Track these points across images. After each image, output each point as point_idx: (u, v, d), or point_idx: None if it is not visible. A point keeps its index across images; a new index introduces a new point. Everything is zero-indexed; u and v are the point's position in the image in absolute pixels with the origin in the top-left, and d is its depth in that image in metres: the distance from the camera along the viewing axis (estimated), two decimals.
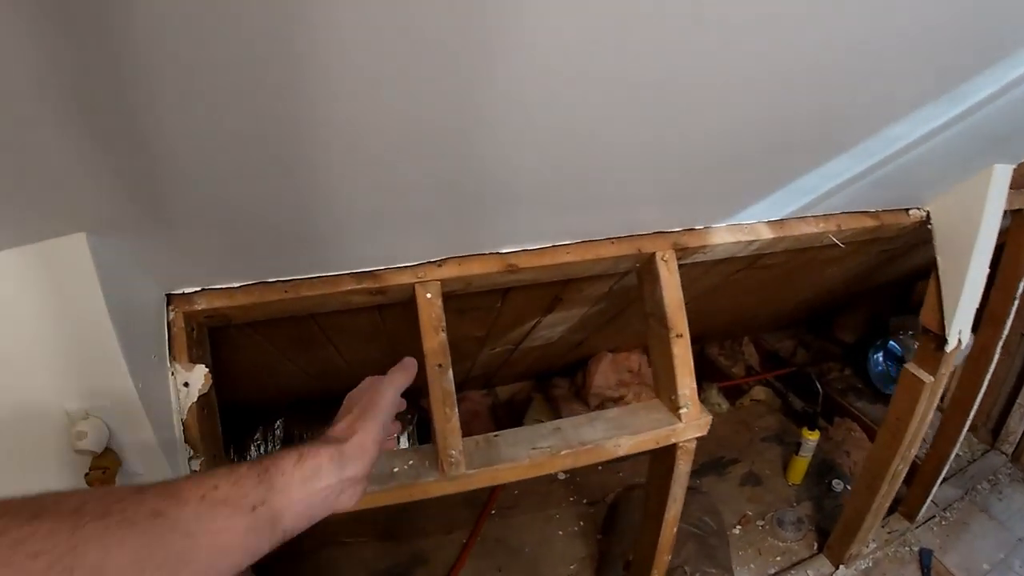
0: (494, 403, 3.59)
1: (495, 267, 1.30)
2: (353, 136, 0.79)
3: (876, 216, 1.75)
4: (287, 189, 0.90)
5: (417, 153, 0.87)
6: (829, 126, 1.11)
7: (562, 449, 1.33)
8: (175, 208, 0.90)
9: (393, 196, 1.00)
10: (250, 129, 0.73)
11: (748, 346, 4.19)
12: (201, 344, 1.26)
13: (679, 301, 1.43)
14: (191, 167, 0.79)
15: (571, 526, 2.88)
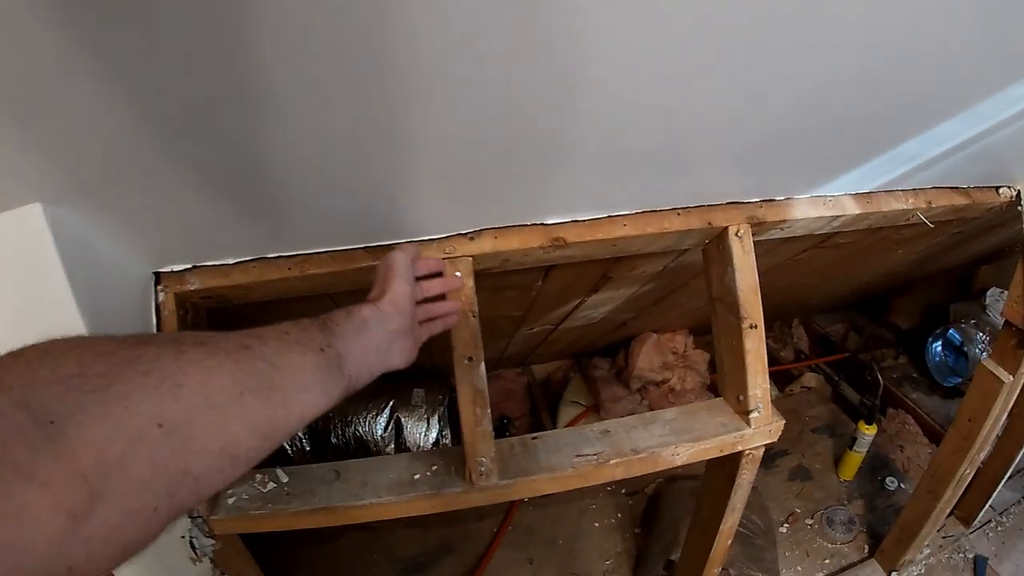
0: (529, 382, 3.47)
1: (538, 241, 1.13)
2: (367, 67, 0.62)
3: (967, 193, 1.56)
4: (283, 141, 0.74)
5: (455, 101, 0.72)
6: (943, 82, 0.93)
7: (612, 458, 1.16)
8: (149, 168, 0.75)
9: (421, 150, 0.83)
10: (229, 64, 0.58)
11: (798, 329, 4.02)
12: (198, 328, 1.12)
13: (754, 285, 1.25)
14: (166, 112, 0.65)
15: (608, 518, 2.75)
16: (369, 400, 2.55)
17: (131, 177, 0.76)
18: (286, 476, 1.14)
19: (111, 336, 0.52)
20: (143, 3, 0.50)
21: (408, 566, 2.50)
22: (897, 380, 3.51)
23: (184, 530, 1.07)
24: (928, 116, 1.06)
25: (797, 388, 3.63)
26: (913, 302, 3.92)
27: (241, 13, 0.53)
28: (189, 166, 0.77)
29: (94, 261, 0.88)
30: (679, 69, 0.73)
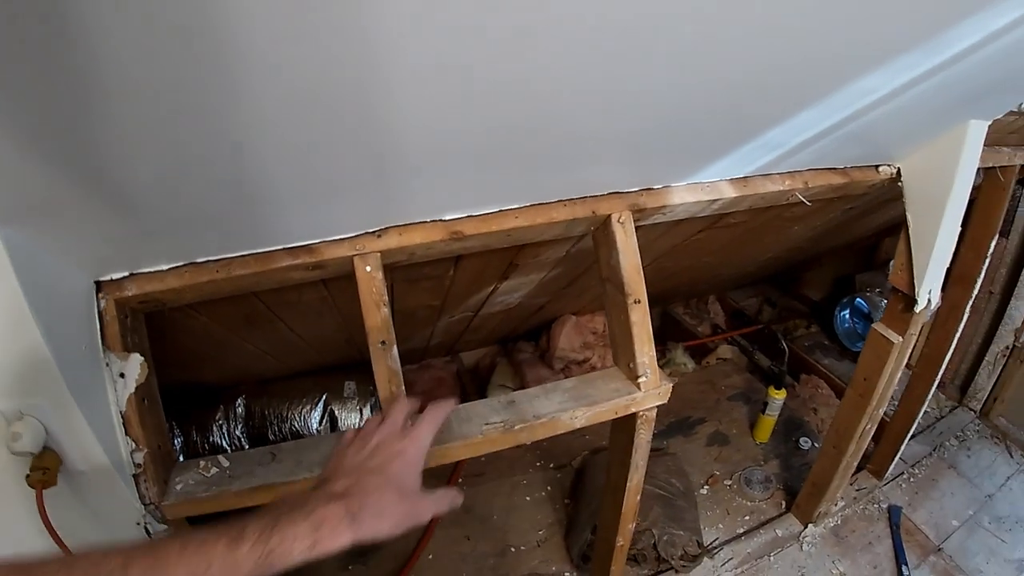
0: (459, 370, 3.56)
1: (439, 235, 1.24)
2: (268, 103, 0.72)
3: (844, 173, 1.70)
4: (204, 160, 0.83)
5: (341, 118, 0.81)
6: (798, 75, 1.05)
7: (516, 424, 1.28)
8: (88, 189, 0.84)
9: (321, 164, 0.93)
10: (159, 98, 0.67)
11: (714, 304, 4.20)
12: (137, 331, 1.21)
13: (636, 265, 1.38)
14: (99, 144, 0.74)
15: (539, 491, 2.88)
16: (303, 395, 2.61)
17: (70, 199, 0.84)
18: (227, 461, 1.22)
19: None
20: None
21: (353, 552, 2.48)
22: (809, 348, 3.75)
23: (139, 517, 1.13)
24: (786, 107, 1.17)
25: (713, 360, 3.79)
26: (822, 274, 4.16)
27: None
28: (117, 188, 0.85)
29: (43, 274, 0.95)
30: (553, 77, 0.84)
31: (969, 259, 2.43)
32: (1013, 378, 3.22)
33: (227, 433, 2.52)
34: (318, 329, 2.05)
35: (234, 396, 2.57)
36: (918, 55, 1.03)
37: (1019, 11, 0.94)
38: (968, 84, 1.27)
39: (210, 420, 2.49)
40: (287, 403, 2.61)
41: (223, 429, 2.51)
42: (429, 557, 2.56)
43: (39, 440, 0.97)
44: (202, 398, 2.47)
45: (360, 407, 2.62)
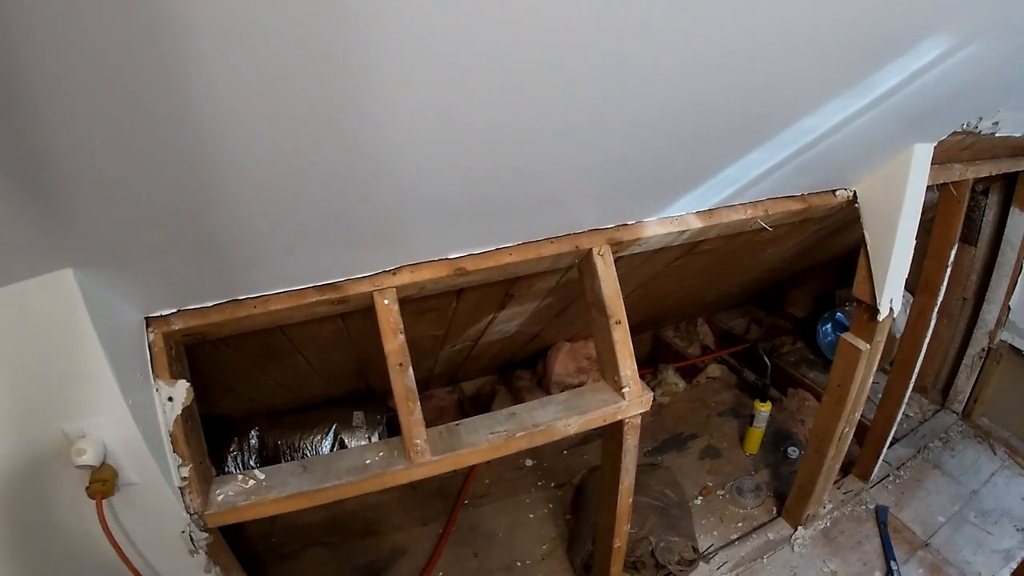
0: (460, 398, 3.69)
1: (445, 271, 1.41)
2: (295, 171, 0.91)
3: (803, 199, 1.88)
4: (254, 216, 1.02)
5: (377, 184, 1.01)
6: (744, 122, 1.23)
7: (517, 432, 1.46)
8: (151, 241, 1.01)
9: (350, 218, 1.12)
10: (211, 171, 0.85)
11: (702, 327, 4.33)
12: (180, 360, 1.36)
13: (616, 291, 1.56)
14: (161, 206, 0.91)
15: (541, 509, 3.00)
16: (315, 425, 2.74)
17: (136, 248, 1.01)
18: (262, 474, 1.39)
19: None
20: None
21: (366, 572, 2.68)
22: (795, 362, 3.88)
23: (184, 525, 1.27)
24: (737, 150, 1.36)
25: (703, 379, 3.91)
26: (805, 292, 4.28)
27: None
28: (180, 240, 1.03)
29: (107, 311, 1.10)
30: (534, 141, 1.03)
31: (932, 268, 2.59)
32: (991, 378, 3.34)
33: (241, 464, 2.65)
34: (332, 361, 2.21)
35: (247, 428, 2.71)
36: (848, 97, 1.22)
37: (935, 52, 1.12)
38: (904, 114, 1.45)
39: (225, 452, 2.62)
40: (299, 433, 2.75)
41: (238, 460, 2.65)
42: (440, 574, 2.67)
43: (100, 455, 1.11)
44: (215, 430, 2.60)
45: (368, 435, 2.76)
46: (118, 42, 0.60)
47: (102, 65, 0.62)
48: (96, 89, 0.65)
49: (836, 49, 1.01)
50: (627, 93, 0.97)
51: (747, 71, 1.01)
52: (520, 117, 0.95)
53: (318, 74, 0.72)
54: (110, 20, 0.57)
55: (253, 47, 0.65)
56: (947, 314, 3.36)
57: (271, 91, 0.73)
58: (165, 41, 0.62)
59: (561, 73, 0.86)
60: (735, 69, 0.99)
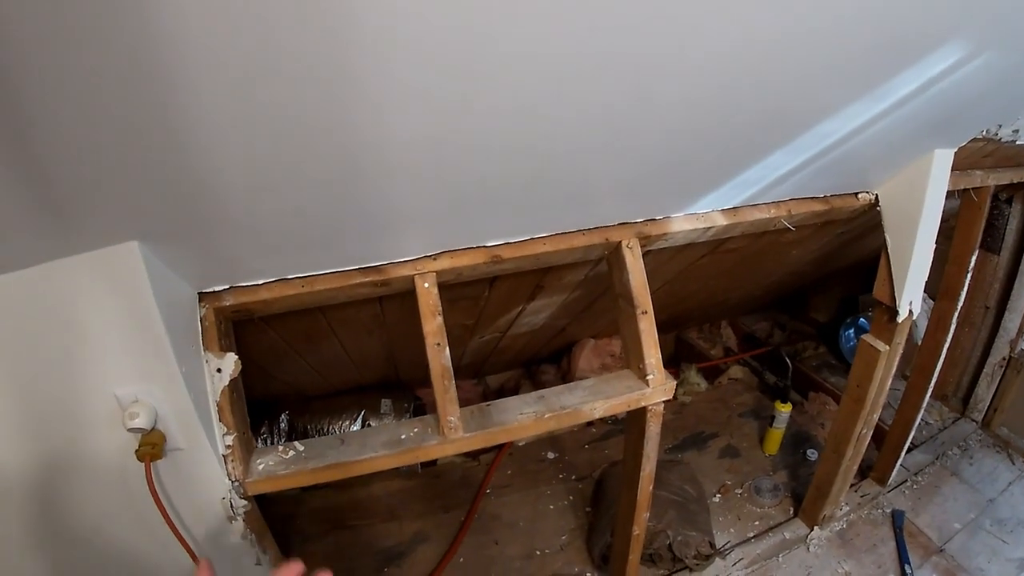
0: (485, 391, 3.77)
1: (482, 258, 1.48)
2: (364, 157, 0.98)
3: (825, 200, 1.93)
4: (308, 202, 1.09)
5: (425, 174, 1.09)
6: (765, 125, 1.28)
7: (545, 413, 1.52)
8: (212, 220, 1.08)
9: (398, 203, 1.19)
10: (278, 153, 0.92)
11: (726, 329, 4.37)
12: (228, 335, 1.43)
13: (643, 283, 1.62)
14: (226, 186, 0.98)
15: (561, 501, 3.06)
16: (343, 411, 2.82)
17: (199, 226, 1.09)
18: (302, 446, 1.45)
19: None
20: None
21: (388, 556, 2.74)
22: (817, 367, 3.89)
23: (225, 492, 1.33)
24: (760, 150, 1.41)
25: (725, 380, 3.96)
26: (829, 297, 4.28)
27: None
28: (242, 222, 1.10)
29: (167, 284, 1.17)
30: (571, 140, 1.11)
31: (953, 274, 2.62)
32: (1011, 388, 3.34)
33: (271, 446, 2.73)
34: (365, 347, 2.29)
35: (277, 412, 2.79)
36: (866, 103, 1.28)
37: (951, 59, 1.17)
38: (924, 120, 1.50)
39: (256, 435, 2.70)
40: (328, 418, 2.83)
41: (267, 442, 2.73)
42: (460, 560, 2.74)
43: (151, 420, 1.18)
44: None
45: (395, 422, 2.80)
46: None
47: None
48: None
49: (853, 54, 1.06)
50: (661, 93, 1.03)
51: (769, 74, 1.06)
52: (565, 116, 1.02)
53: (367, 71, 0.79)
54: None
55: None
56: (969, 322, 3.36)
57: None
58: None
59: (605, 73, 0.93)
60: (758, 72, 1.05)
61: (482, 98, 0.91)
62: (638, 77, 0.96)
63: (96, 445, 1.20)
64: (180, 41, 0.67)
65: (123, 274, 1.09)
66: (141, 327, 1.14)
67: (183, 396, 1.22)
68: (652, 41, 0.88)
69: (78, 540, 1.26)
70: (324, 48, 0.72)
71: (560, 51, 0.84)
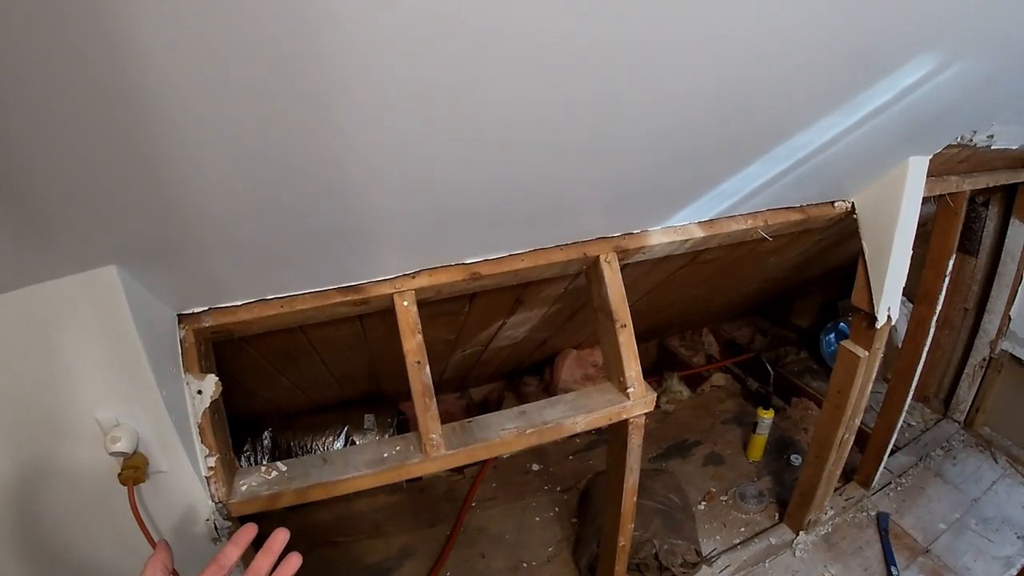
0: (468, 404, 3.75)
1: (460, 276, 1.48)
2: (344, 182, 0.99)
3: (802, 210, 1.94)
4: (288, 223, 1.09)
5: (402, 193, 1.09)
6: (739, 138, 1.29)
7: (527, 428, 1.53)
8: (190, 243, 1.08)
9: (376, 226, 1.20)
10: (255, 179, 0.93)
11: (707, 336, 4.39)
12: (208, 356, 1.43)
13: (622, 296, 1.62)
14: (204, 210, 0.98)
15: (547, 512, 3.06)
16: (327, 427, 2.80)
17: (177, 249, 1.08)
18: (285, 466, 1.45)
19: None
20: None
21: (374, 572, 2.73)
22: (799, 372, 3.91)
23: (209, 514, 1.32)
24: (735, 163, 1.42)
25: (708, 388, 3.97)
26: (810, 303, 4.31)
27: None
28: (220, 243, 1.10)
29: (145, 307, 1.17)
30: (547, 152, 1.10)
31: (930, 278, 2.65)
32: (992, 388, 3.37)
33: (254, 464, 2.71)
34: (347, 363, 2.28)
35: (260, 429, 2.78)
36: (840, 113, 1.28)
37: (925, 69, 1.18)
38: (898, 129, 1.52)
39: (238, 453, 2.69)
40: (311, 435, 2.81)
41: (251, 460, 2.72)
42: (447, 575, 2.73)
43: (133, 443, 1.17)
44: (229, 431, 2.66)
45: (379, 437, 2.82)
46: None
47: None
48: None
49: (828, 67, 1.07)
50: (639, 109, 1.04)
51: (744, 89, 1.07)
52: (541, 132, 1.02)
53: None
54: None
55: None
56: (949, 324, 3.40)
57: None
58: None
59: (581, 92, 0.94)
60: (734, 87, 1.06)
61: (459, 120, 0.92)
62: (616, 95, 0.97)
63: (78, 467, 1.19)
64: (154, 64, 0.67)
65: (102, 298, 1.09)
66: (121, 350, 1.13)
67: (164, 419, 1.21)
68: (629, 59, 0.89)
69: (59, 560, 1.25)
70: (297, 69, 0.73)
71: (539, 70, 0.85)
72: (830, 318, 4.12)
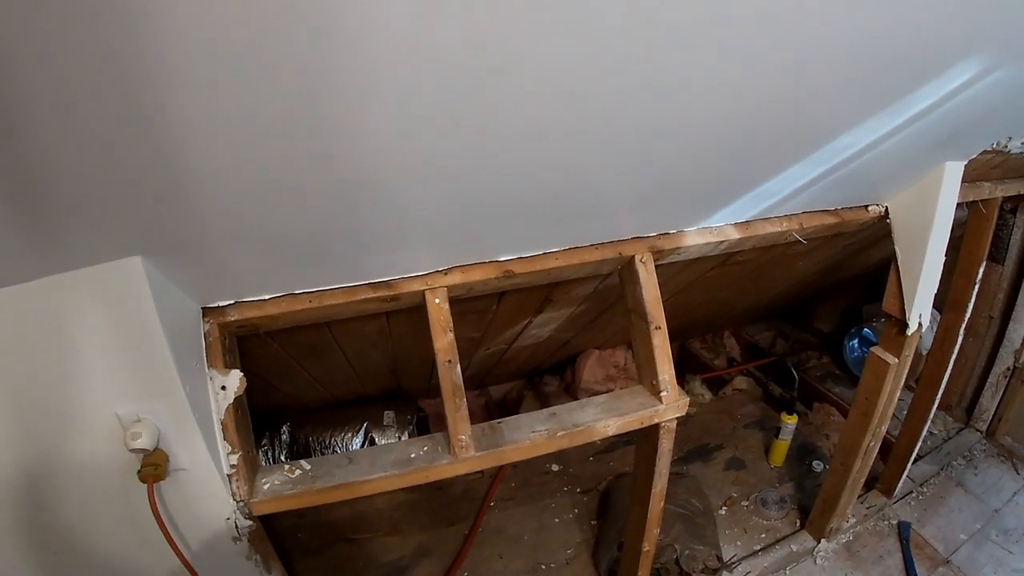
0: (487, 402, 3.73)
1: (493, 273, 1.46)
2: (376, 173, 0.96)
3: (836, 213, 1.91)
4: (317, 216, 1.06)
5: (435, 185, 1.06)
6: (782, 138, 1.27)
7: (558, 431, 1.50)
8: (217, 235, 1.06)
9: (410, 220, 1.17)
10: (283, 165, 0.90)
11: (729, 339, 4.35)
12: (232, 351, 1.41)
13: (657, 298, 1.59)
14: (230, 201, 0.96)
15: (567, 514, 3.03)
16: (346, 423, 2.79)
17: (204, 241, 1.06)
18: (309, 465, 1.43)
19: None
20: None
21: (391, 570, 2.71)
22: (821, 377, 3.88)
23: (230, 512, 1.30)
24: (778, 163, 1.40)
25: (729, 391, 3.94)
26: (832, 308, 4.27)
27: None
28: (247, 235, 1.07)
29: (169, 300, 1.15)
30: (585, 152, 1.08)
31: (960, 285, 2.60)
32: (1016, 398, 3.33)
33: (272, 459, 2.71)
34: (369, 360, 2.26)
35: (278, 424, 2.76)
36: (884, 117, 1.26)
37: (968, 74, 1.16)
38: (936, 133, 1.49)
39: (257, 447, 2.67)
40: (330, 431, 2.80)
41: (268, 455, 2.71)
42: (464, 574, 2.71)
43: (154, 439, 1.15)
44: None
45: (398, 434, 2.80)
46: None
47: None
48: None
49: (876, 69, 1.05)
50: (684, 107, 1.01)
51: (794, 89, 1.05)
52: (580, 122, 0.99)
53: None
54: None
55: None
56: (973, 332, 3.35)
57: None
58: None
59: (628, 81, 0.91)
60: (784, 87, 1.03)
61: (498, 118, 0.90)
62: (665, 84, 0.94)
63: (97, 464, 1.17)
64: (173, 45, 0.65)
65: (125, 290, 1.07)
66: (143, 344, 1.11)
67: (186, 415, 1.19)
68: (682, 47, 0.86)
69: (77, 555, 1.24)
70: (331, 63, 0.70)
71: (581, 53, 0.82)
72: (853, 323, 4.07)
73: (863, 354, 3.85)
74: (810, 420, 3.66)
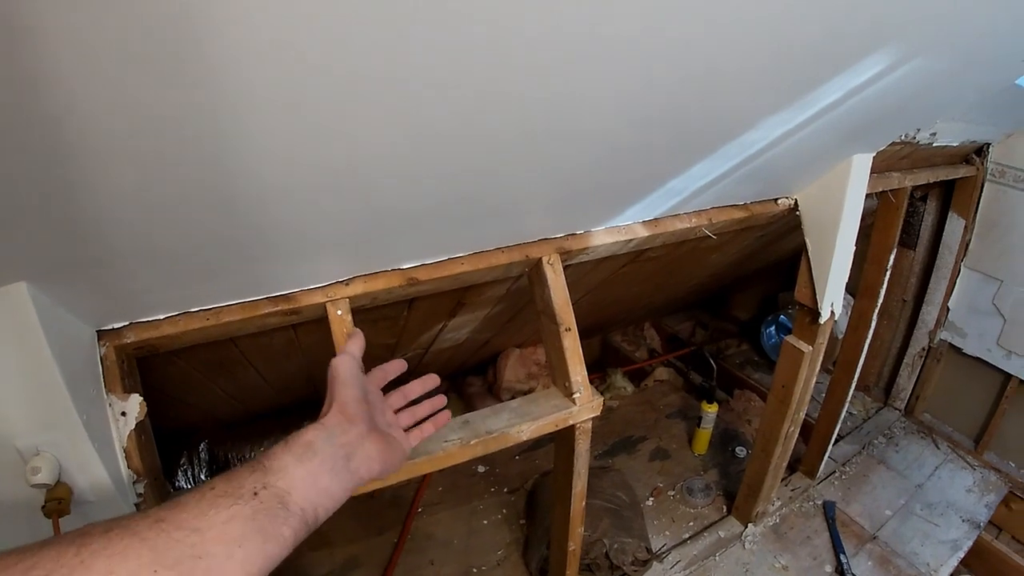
0: None
1: (397, 282, 1.42)
2: (267, 177, 0.92)
3: (746, 208, 1.93)
4: (205, 230, 1.01)
5: (328, 192, 1.01)
6: (688, 136, 1.26)
7: (471, 439, 1.47)
8: (104, 255, 1.00)
9: (304, 229, 1.12)
10: (171, 182, 0.85)
11: (649, 331, 4.40)
12: (132, 375, 1.34)
13: (566, 299, 1.58)
14: (117, 221, 0.91)
15: (495, 515, 3.03)
16: (265, 436, 2.81)
17: (87, 262, 1.00)
18: None
19: (12, 549, 0.54)
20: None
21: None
22: (740, 364, 3.98)
23: None
24: (682, 162, 1.39)
25: (651, 382, 3.98)
26: (750, 296, 4.39)
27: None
28: (127, 254, 1.02)
29: (60, 325, 1.09)
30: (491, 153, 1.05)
31: (872, 272, 2.69)
32: (932, 376, 3.48)
33: (192, 478, 2.63)
34: (282, 371, 2.20)
35: (196, 442, 2.69)
36: (789, 112, 1.26)
37: (876, 69, 1.16)
38: (844, 127, 1.50)
39: (175, 466, 2.60)
40: (249, 445, 2.74)
41: (188, 474, 2.63)
42: None
43: (55, 473, 1.08)
44: (164, 444, 2.57)
45: None
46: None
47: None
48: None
49: (779, 65, 1.05)
50: (585, 109, 0.99)
51: (695, 87, 1.04)
52: (483, 128, 0.97)
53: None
54: None
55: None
56: (888, 315, 3.48)
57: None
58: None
59: (533, 93, 0.89)
60: (684, 86, 1.02)
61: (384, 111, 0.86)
62: (565, 90, 0.92)
63: (1, 501, 1.11)
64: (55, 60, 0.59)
65: (11, 318, 1.01)
66: (37, 373, 1.05)
67: (86, 445, 1.13)
68: (579, 54, 0.84)
69: None
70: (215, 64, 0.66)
71: (479, 66, 0.79)
72: (770, 310, 4.17)
73: (780, 340, 3.87)
74: (731, 407, 3.74)
